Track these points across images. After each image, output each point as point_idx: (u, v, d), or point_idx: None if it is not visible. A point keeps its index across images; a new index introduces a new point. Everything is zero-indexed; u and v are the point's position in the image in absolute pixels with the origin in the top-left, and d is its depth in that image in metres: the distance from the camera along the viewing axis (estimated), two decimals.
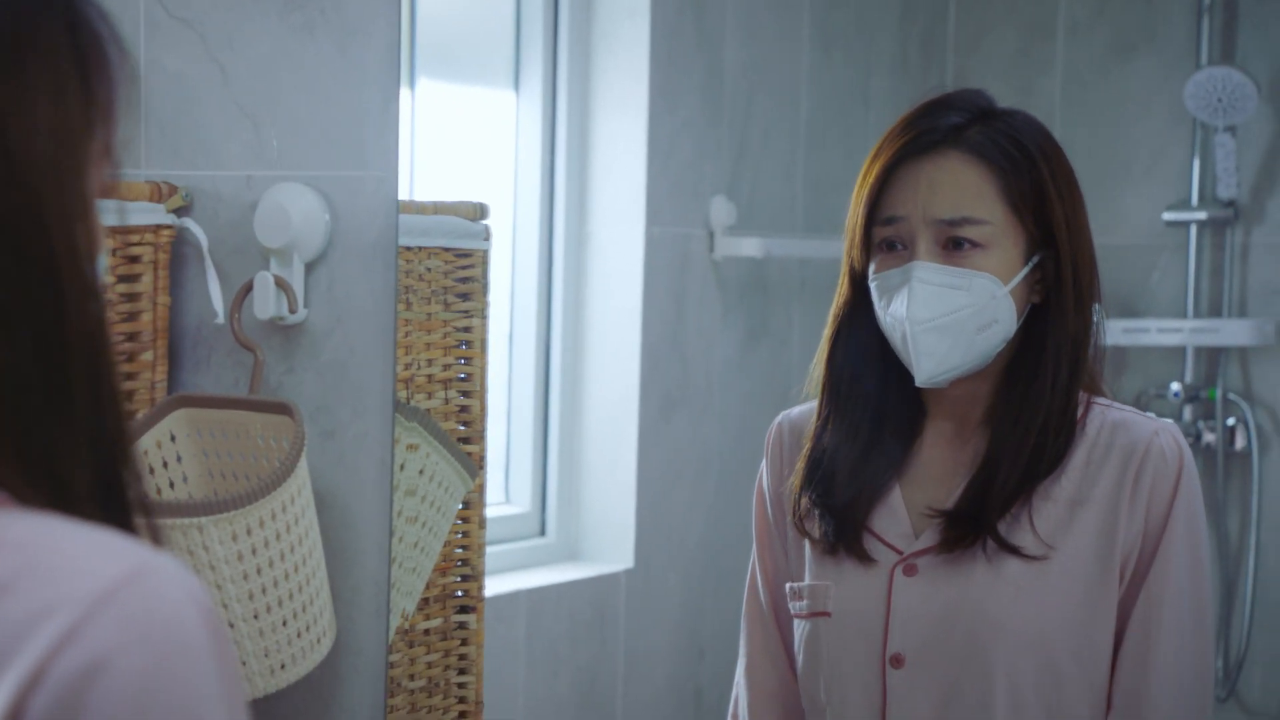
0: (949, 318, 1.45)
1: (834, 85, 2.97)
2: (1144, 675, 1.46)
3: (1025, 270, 1.47)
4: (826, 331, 1.55)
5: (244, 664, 1.72)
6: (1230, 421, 2.98)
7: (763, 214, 2.82)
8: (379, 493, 1.82)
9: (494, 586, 2.40)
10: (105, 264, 0.83)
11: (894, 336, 1.48)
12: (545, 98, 2.61)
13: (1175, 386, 2.99)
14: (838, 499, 1.52)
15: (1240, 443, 2.97)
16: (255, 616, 1.71)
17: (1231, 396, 2.99)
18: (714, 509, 2.77)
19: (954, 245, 1.46)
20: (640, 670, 2.66)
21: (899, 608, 1.48)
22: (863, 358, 1.52)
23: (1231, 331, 2.93)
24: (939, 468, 1.53)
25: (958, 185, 1.46)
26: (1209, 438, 2.98)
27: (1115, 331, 2.97)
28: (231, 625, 1.70)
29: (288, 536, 1.73)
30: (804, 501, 1.54)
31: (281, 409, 1.77)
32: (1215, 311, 3.00)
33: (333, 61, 1.82)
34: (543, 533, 2.65)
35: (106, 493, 0.79)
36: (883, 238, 1.49)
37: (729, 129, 2.76)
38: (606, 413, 2.64)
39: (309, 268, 1.81)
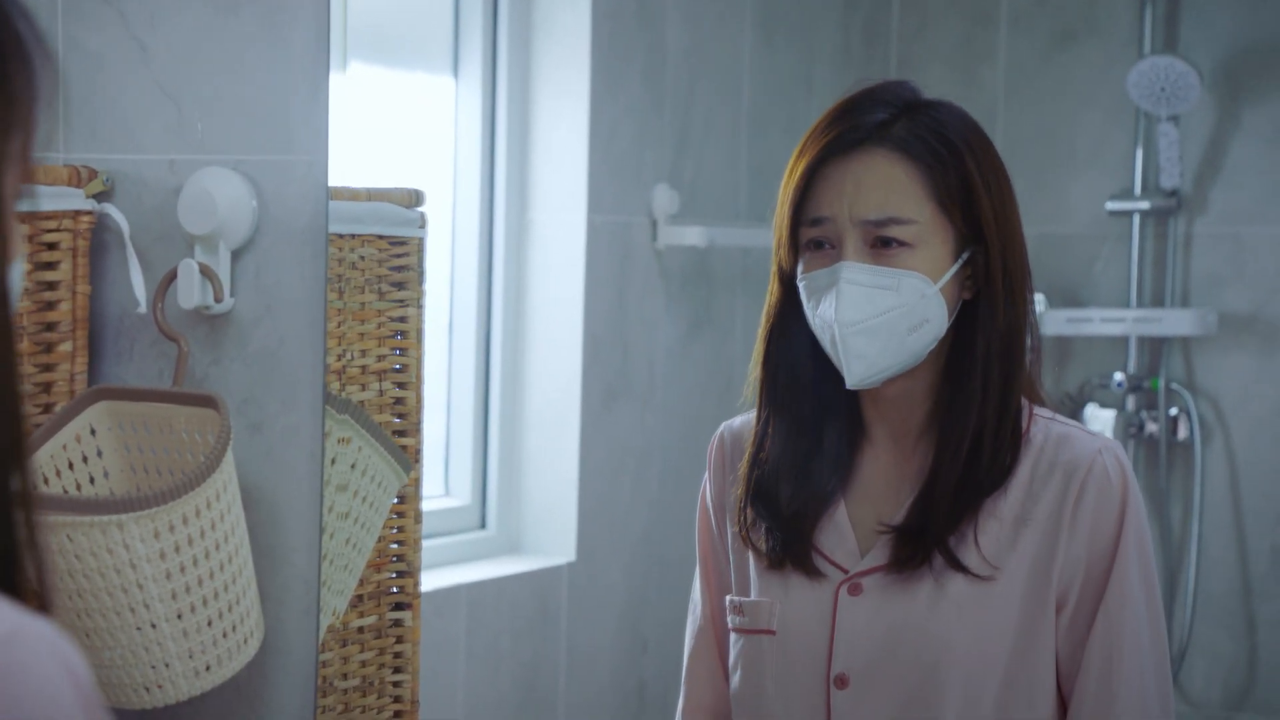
0: (879, 319, 1.41)
1: (777, 72, 2.94)
2: (1110, 702, 1.42)
3: (955, 267, 1.43)
4: (760, 333, 1.51)
5: (167, 666, 1.65)
6: (1173, 411, 2.96)
7: (706, 202, 2.79)
8: (309, 488, 1.76)
9: (433, 581, 2.38)
10: (22, 270, 0.80)
11: (823, 339, 1.44)
12: (485, 83, 2.56)
13: (1119, 376, 2.97)
14: (784, 511, 1.48)
15: (1183, 433, 2.95)
16: (179, 616, 1.64)
17: (1174, 386, 2.96)
18: (657, 500, 2.74)
19: (882, 245, 1.42)
20: (583, 665, 2.62)
21: (844, 627, 1.44)
22: (798, 358, 1.48)
23: (1174, 321, 2.91)
24: (884, 479, 1.49)
25: (883, 184, 1.42)
26: (1152, 428, 2.95)
27: (1059, 321, 2.95)
28: (154, 626, 1.63)
29: (213, 533, 1.66)
30: (749, 514, 1.50)
31: (206, 402, 1.71)
32: (1158, 301, 2.98)
33: (259, 41, 1.75)
34: (483, 526, 2.60)
35: None
36: (810, 238, 1.45)
37: (671, 116, 2.73)
38: (548, 403, 2.60)
39: (235, 255, 1.76)
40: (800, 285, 1.46)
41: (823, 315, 1.43)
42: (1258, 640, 2.91)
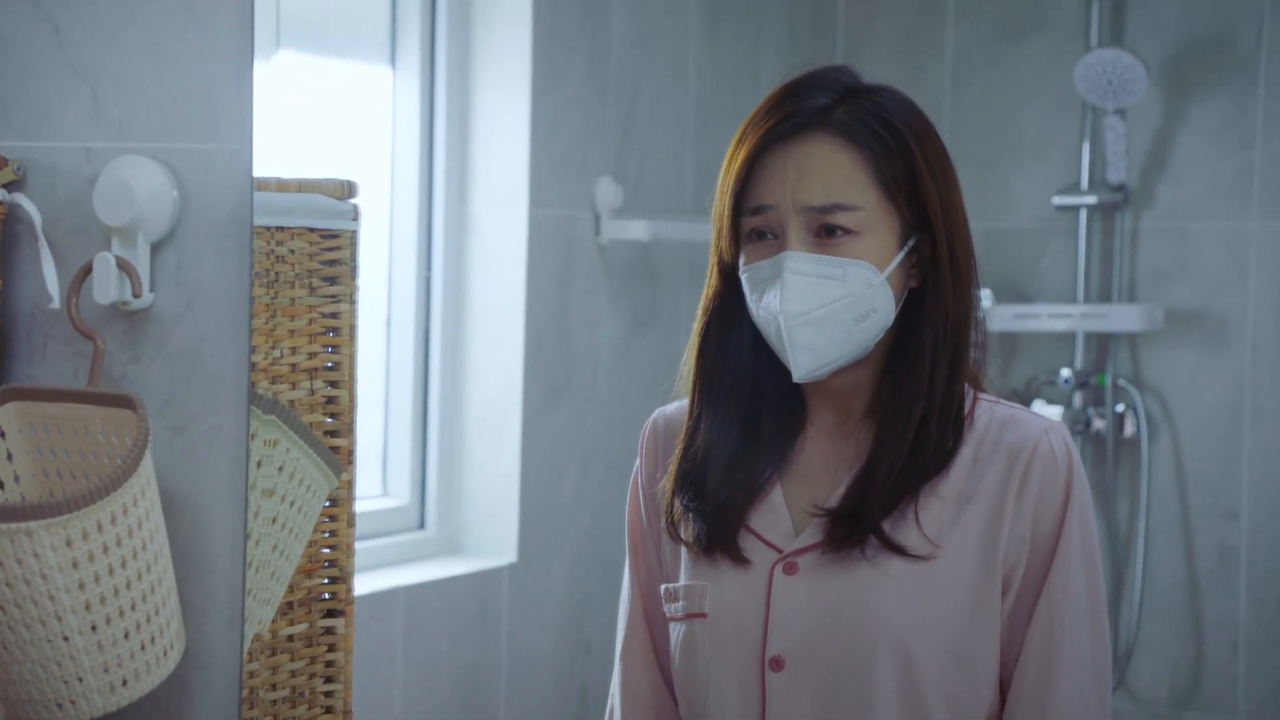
0: (825, 309, 1.37)
1: (723, 64, 2.92)
2: (1048, 685, 1.38)
3: (901, 255, 1.39)
4: (696, 325, 1.46)
5: (81, 680, 1.56)
6: (1120, 408, 2.92)
7: (650, 196, 2.75)
8: (233, 492, 1.68)
9: (370, 583, 2.34)
10: None
11: (768, 331, 1.39)
12: (423, 73, 2.52)
13: (1066, 373, 2.93)
14: (711, 500, 1.43)
15: (1130, 429, 2.91)
16: (93, 629, 1.55)
17: (1121, 382, 2.93)
18: (600, 500, 2.69)
19: (826, 233, 1.37)
20: (524, 668, 2.58)
21: (778, 608, 1.40)
22: (736, 351, 1.44)
23: (1121, 317, 2.87)
24: (821, 462, 1.44)
25: (827, 170, 1.38)
26: (1099, 424, 2.92)
27: (1005, 317, 2.92)
28: (66, 639, 1.54)
29: (129, 541, 1.57)
30: (676, 504, 1.45)
31: (124, 402, 1.63)
32: (1105, 297, 2.95)
33: (180, 23, 1.68)
34: (421, 526, 2.55)
35: None
36: (751, 227, 1.40)
37: (615, 107, 2.69)
38: (488, 401, 2.55)
39: (155, 248, 1.67)
40: (743, 277, 1.41)
41: (767, 307, 1.38)
42: (1204, 638, 2.87)
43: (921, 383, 1.38)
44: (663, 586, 1.48)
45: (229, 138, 1.68)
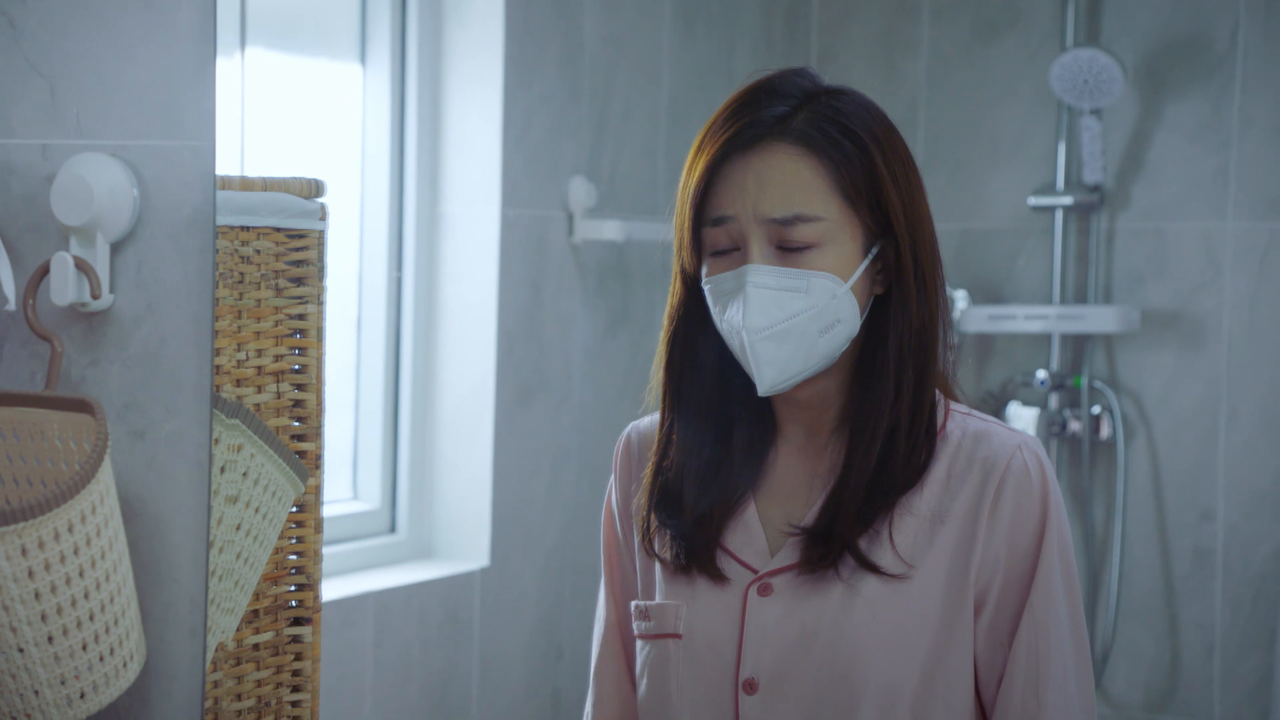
0: (789, 323, 1.34)
1: (697, 62, 2.89)
2: (1036, 710, 1.36)
3: (865, 263, 1.36)
4: (662, 336, 1.44)
5: (36, 694, 1.50)
6: (1096, 410, 2.89)
7: (624, 195, 2.72)
8: (195, 499, 1.63)
9: (340, 588, 2.31)
10: None
11: (732, 344, 1.37)
12: (393, 71, 2.49)
13: (1042, 375, 2.89)
14: (687, 517, 1.40)
15: (1106, 431, 2.88)
16: (50, 640, 1.50)
17: (1097, 384, 2.89)
18: (573, 503, 2.67)
19: (788, 245, 1.34)
20: (496, 673, 2.54)
21: (752, 630, 1.37)
22: (703, 362, 1.41)
23: (1097, 318, 2.84)
24: (795, 478, 1.41)
25: (788, 181, 1.35)
26: (1074, 427, 2.89)
27: (980, 318, 2.88)
28: (21, 650, 1.49)
29: (88, 549, 1.51)
30: (652, 521, 1.42)
31: (82, 406, 1.57)
32: (1081, 298, 2.92)
33: (140, 16, 1.62)
34: (392, 530, 2.52)
35: None
36: (713, 239, 1.37)
37: (589, 105, 2.65)
38: (460, 403, 2.52)
39: (115, 248, 1.62)
40: (705, 288, 1.38)
41: (730, 321, 1.35)
42: (1180, 641, 2.84)
43: (888, 391, 1.35)
44: (633, 604, 1.45)
45: (191, 134, 1.62)
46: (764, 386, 1.35)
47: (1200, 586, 2.82)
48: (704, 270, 1.38)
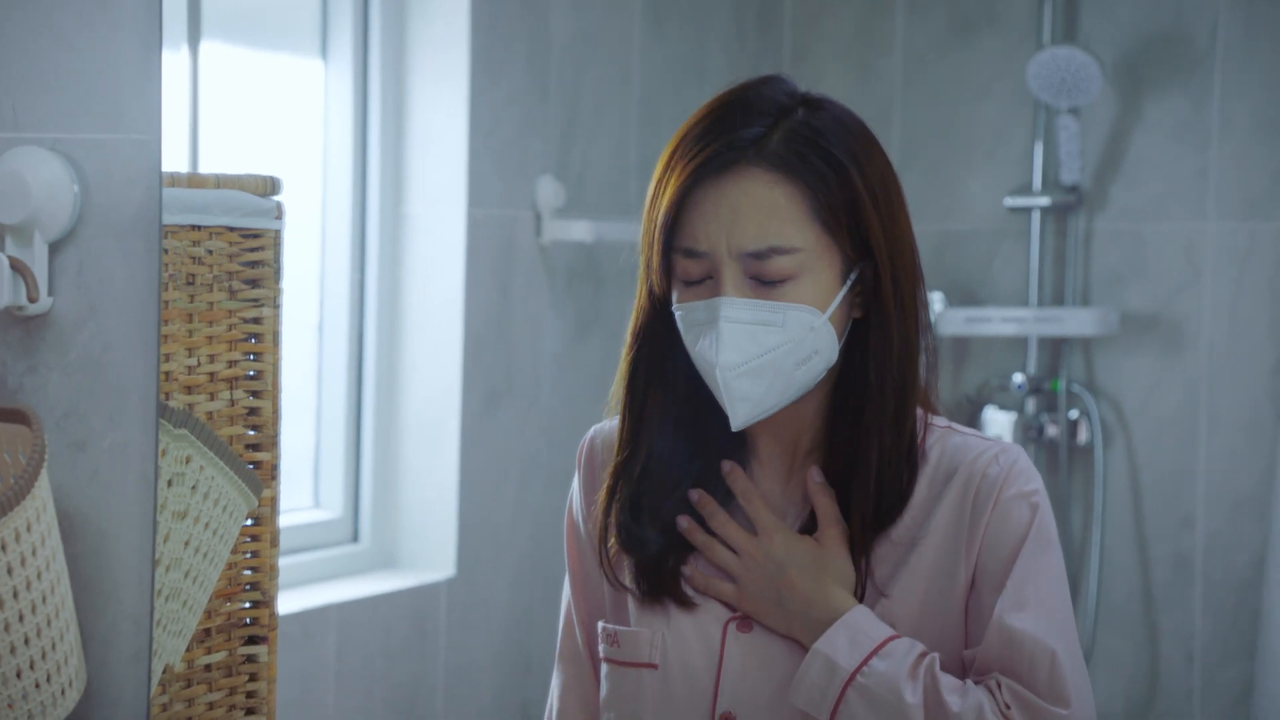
0: (764, 358, 1.27)
1: (668, 60, 2.83)
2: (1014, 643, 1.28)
3: (843, 291, 1.29)
4: (625, 353, 1.36)
5: None
6: (1073, 414, 2.81)
7: (593, 195, 2.65)
8: (140, 514, 1.54)
9: (301, 600, 2.24)
10: None
11: (704, 375, 1.29)
12: (356, 67, 2.41)
13: (1019, 378, 2.81)
14: (650, 548, 1.33)
15: (1084, 436, 2.80)
16: None
17: (1075, 388, 2.82)
18: (541, 511, 2.60)
19: (764, 278, 1.27)
20: (463, 686, 2.46)
21: (730, 665, 1.32)
22: (670, 383, 1.33)
23: (1075, 321, 2.76)
24: (770, 506, 1.34)
25: (763, 210, 1.27)
26: (1052, 431, 2.80)
27: (957, 320, 2.80)
28: None
29: (23, 570, 1.41)
30: (612, 545, 1.34)
31: (18, 416, 1.48)
32: (1058, 300, 2.84)
33: (80, 1, 1.51)
34: (355, 539, 2.45)
35: None
36: (684, 269, 1.29)
37: (557, 104, 2.57)
38: (426, 408, 2.44)
39: (53, 248, 1.53)
40: (676, 314, 1.30)
41: (703, 354, 1.27)
42: (1160, 649, 2.76)
43: (871, 423, 1.29)
44: (600, 625, 1.37)
45: (135, 127, 1.53)
46: (737, 422, 1.29)
47: (1180, 594, 2.74)
48: (675, 295, 1.30)
